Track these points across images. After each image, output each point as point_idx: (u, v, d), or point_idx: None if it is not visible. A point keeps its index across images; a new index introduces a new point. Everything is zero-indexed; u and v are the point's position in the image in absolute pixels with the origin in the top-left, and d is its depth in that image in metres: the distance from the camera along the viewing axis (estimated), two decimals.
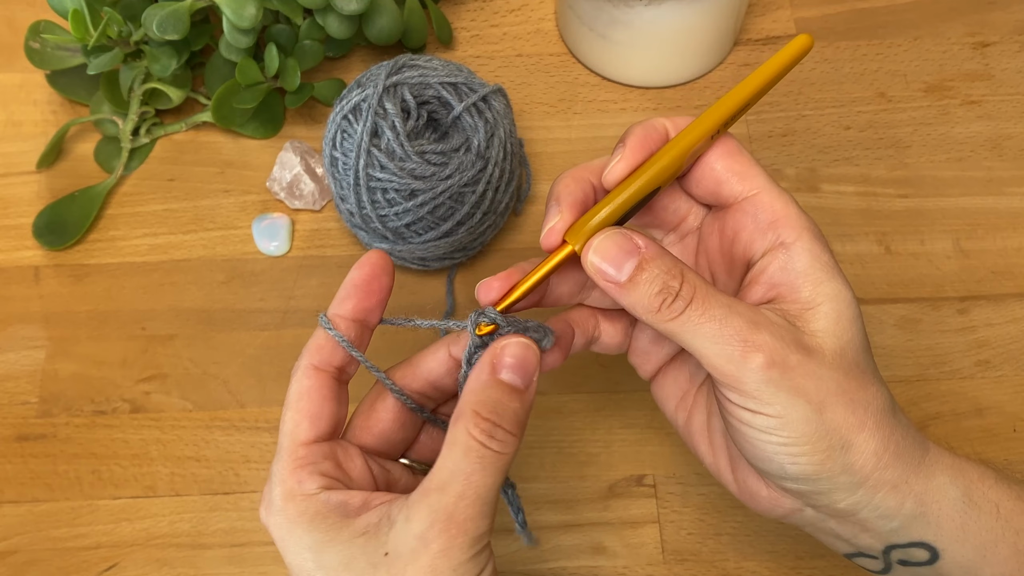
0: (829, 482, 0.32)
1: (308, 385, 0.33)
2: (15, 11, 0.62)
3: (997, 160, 0.57)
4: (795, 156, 0.57)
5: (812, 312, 0.32)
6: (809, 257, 0.33)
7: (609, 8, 0.54)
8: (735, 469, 0.35)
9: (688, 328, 0.31)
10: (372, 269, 0.35)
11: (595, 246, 0.32)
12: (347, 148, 0.48)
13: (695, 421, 0.37)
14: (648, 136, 0.34)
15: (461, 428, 0.31)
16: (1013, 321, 0.53)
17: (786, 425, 0.31)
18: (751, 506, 0.35)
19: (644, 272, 0.31)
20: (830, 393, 0.31)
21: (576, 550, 0.48)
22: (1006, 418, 0.50)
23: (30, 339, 0.53)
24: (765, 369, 0.30)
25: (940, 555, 0.33)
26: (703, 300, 0.31)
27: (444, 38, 0.60)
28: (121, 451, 0.50)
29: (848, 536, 0.33)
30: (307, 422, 0.33)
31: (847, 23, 0.62)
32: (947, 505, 0.32)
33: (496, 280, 0.34)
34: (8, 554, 0.48)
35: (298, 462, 0.32)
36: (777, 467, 0.32)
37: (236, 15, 0.51)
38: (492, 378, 0.32)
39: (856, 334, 0.33)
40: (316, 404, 0.33)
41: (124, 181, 0.57)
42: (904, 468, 0.32)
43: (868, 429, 0.31)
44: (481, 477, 0.30)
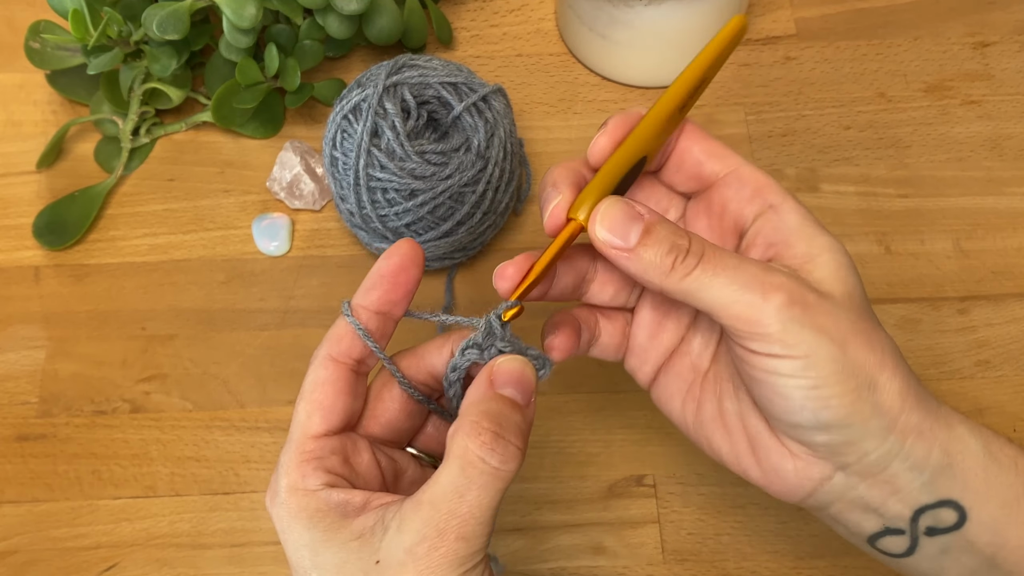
0: (862, 427, 0.31)
1: (324, 376, 0.33)
2: (15, 11, 0.62)
3: (997, 160, 0.57)
4: (795, 156, 0.57)
5: (812, 263, 0.33)
6: (798, 215, 0.34)
7: (609, 8, 0.54)
8: (756, 449, 0.34)
9: (704, 281, 0.31)
10: (402, 260, 0.34)
11: (600, 217, 0.32)
12: (347, 148, 0.48)
13: (706, 411, 0.36)
14: (627, 117, 0.35)
15: (459, 442, 0.30)
16: (1013, 321, 0.53)
17: (814, 365, 0.31)
18: (776, 489, 0.34)
19: (651, 235, 0.32)
20: (849, 332, 0.31)
21: (576, 550, 0.48)
22: (1006, 418, 0.50)
23: (30, 339, 0.53)
24: (787, 307, 0.30)
25: (968, 515, 0.32)
26: (714, 253, 0.32)
27: (444, 38, 0.60)
28: (121, 451, 0.50)
29: (877, 504, 0.33)
30: (319, 415, 0.33)
31: (847, 23, 0.62)
32: (970, 457, 0.32)
33: (511, 266, 0.34)
34: (8, 554, 0.48)
35: (304, 456, 0.32)
36: (810, 415, 0.31)
37: (236, 15, 0.51)
38: (491, 391, 0.32)
39: (856, 283, 0.33)
40: (330, 397, 0.33)
41: (124, 181, 0.57)
42: (927, 413, 0.32)
43: (889, 368, 0.32)
44: (476, 496, 0.29)
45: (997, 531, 0.32)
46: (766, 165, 0.57)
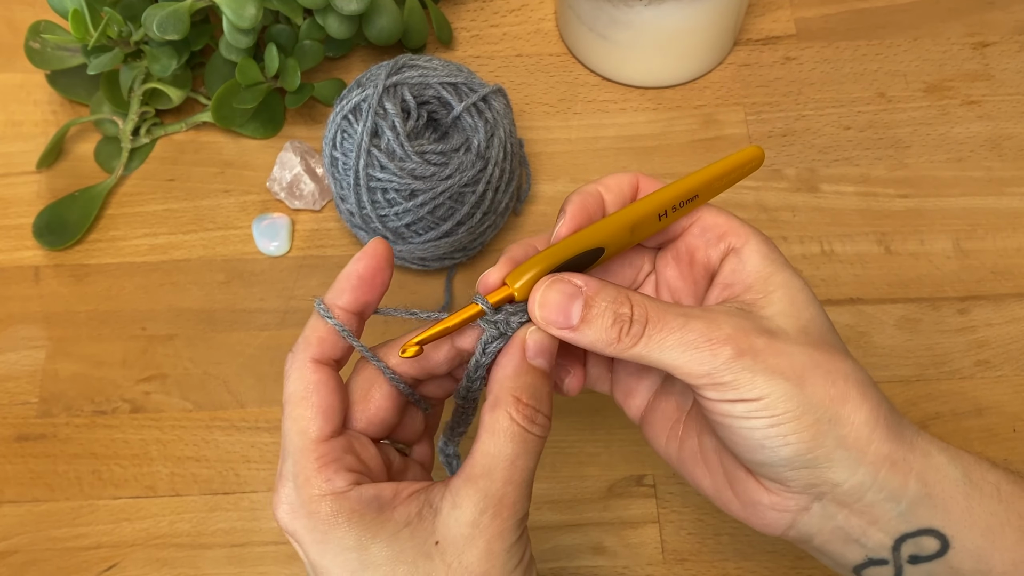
0: (827, 459, 0.31)
1: (316, 379, 0.33)
2: (15, 11, 0.62)
3: (997, 160, 0.57)
4: (795, 156, 0.57)
5: (766, 299, 0.33)
6: (758, 256, 0.34)
7: (609, 8, 0.54)
8: (734, 484, 0.35)
9: (652, 348, 0.32)
10: (376, 261, 0.34)
11: (538, 300, 0.33)
12: (347, 148, 0.48)
13: (687, 447, 0.37)
14: (585, 202, 0.35)
15: (503, 414, 0.31)
16: (1013, 321, 0.53)
17: (768, 405, 0.31)
18: (756, 523, 0.35)
19: (592, 308, 0.32)
20: (805, 368, 0.31)
21: (576, 550, 0.48)
22: (1006, 418, 0.50)
23: (30, 339, 0.53)
24: (736, 358, 0.31)
25: (950, 543, 0.32)
26: (658, 317, 0.32)
27: (444, 38, 0.60)
28: (121, 451, 0.50)
29: (858, 534, 0.33)
30: (321, 417, 0.32)
31: (847, 23, 0.62)
32: (950, 486, 0.32)
33: (493, 272, 0.34)
34: (8, 554, 0.48)
35: (322, 460, 0.32)
36: (771, 453, 0.32)
37: (236, 15, 0.51)
38: (525, 364, 0.33)
39: (815, 313, 0.34)
40: (327, 398, 0.33)
41: (124, 181, 0.57)
42: (900, 444, 0.32)
43: (853, 400, 0.32)
44: (524, 461, 0.31)
45: (981, 558, 0.32)
46: (766, 165, 0.57)
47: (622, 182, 0.36)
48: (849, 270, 0.54)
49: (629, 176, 0.36)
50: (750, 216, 0.55)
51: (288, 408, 0.33)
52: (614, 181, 0.36)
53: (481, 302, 0.33)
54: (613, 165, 0.57)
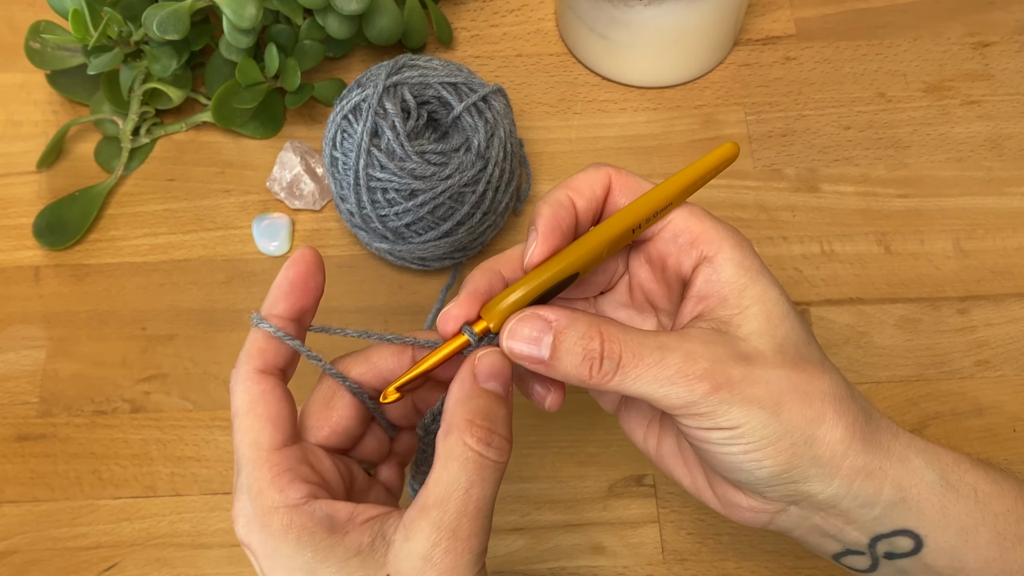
0: (801, 476, 0.32)
1: (260, 389, 0.32)
2: (15, 11, 0.62)
3: (997, 160, 0.57)
4: (795, 156, 0.57)
5: (741, 315, 0.33)
6: (731, 266, 0.33)
7: (609, 8, 0.54)
8: (713, 484, 0.35)
9: (628, 383, 0.31)
10: (307, 266, 0.34)
11: (507, 336, 0.32)
12: (347, 148, 0.48)
13: (665, 446, 0.37)
14: (556, 216, 0.33)
15: (456, 440, 0.30)
16: (1013, 321, 0.53)
17: (744, 434, 0.31)
18: (736, 518, 0.35)
19: (562, 345, 0.31)
20: (782, 393, 0.31)
21: (576, 550, 0.48)
22: (1006, 418, 0.50)
23: (30, 339, 0.53)
24: (712, 393, 0.31)
25: (924, 542, 0.33)
26: (633, 352, 0.31)
27: (444, 38, 0.60)
28: (121, 451, 0.50)
29: (834, 532, 0.33)
30: (271, 427, 0.31)
31: (847, 23, 0.62)
32: (925, 489, 0.32)
33: (457, 307, 0.33)
34: (8, 554, 0.48)
35: (275, 469, 0.31)
36: (747, 475, 0.32)
37: (236, 15, 0.51)
38: (477, 387, 0.31)
39: (791, 328, 0.33)
40: (274, 407, 0.32)
41: (124, 181, 0.57)
42: (876, 453, 0.32)
43: (828, 419, 0.32)
44: (480, 489, 0.30)
45: (955, 556, 0.33)
46: (766, 165, 0.57)
47: (594, 183, 0.35)
48: (849, 270, 0.54)
49: (600, 174, 0.35)
50: (750, 216, 0.55)
51: (237, 421, 0.32)
52: (585, 183, 0.35)
53: (468, 333, 0.32)
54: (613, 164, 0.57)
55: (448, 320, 0.33)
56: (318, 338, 0.40)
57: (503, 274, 0.34)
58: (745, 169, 0.57)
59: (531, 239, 0.33)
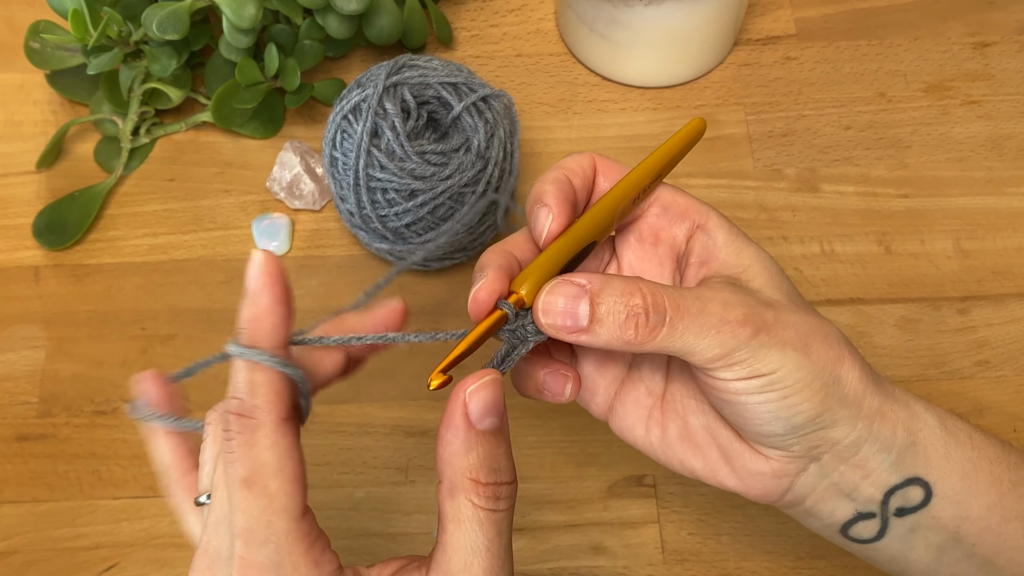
0: (831, 419, 0.32)
1: (288, 444, 0.28)
2: (15, 11, 0.62)
3: (997, 160, 0.57)
4: (795, 156, 0.57)
5: (746, 273, 0.34)
6: (724, 230, 0.35)
7: (609, 8, 0.54)
8: (730, 459, 0.35)
9: (674, 337, 0.31)
10: (282, 276, 0.31)
11: (541, 308, 0.31)
12: (347, 148, 0.48)
13: (671, 432, 0.36)
14: (563, 192, 0.33)
15: (464, 502, 0.29)
16: (1013, 321, 0.53)
17: (784, 377, 0.31)
18: (755, 493, 0.34)
19: (601, 306, 0.31)
20: (807, 335, 0.32)
21: (576, 550, 0.48)
22: (1006, 418, 0.50)
23: (30, 339, 0.53)
24: (754, 336, 0.31)
25: (933, 491, 0.33)
26: (675, 305, 0.31)
27: (444, 38, 0.60)
28: (121, 451, 0.50)
29: (850, 489, 0.33)
30: (299, 491, 0.28)
31: (847, 23, 0.62)
32: (929, 433, 0.33)
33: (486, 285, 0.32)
34: (8, 554, 0.48)
35: (307, 540, 0.28)
36: (783, 424, 0.32)
37: (236, 15, 0.51)
38: (472, 433, 0.29)
39: (789, 284, 0.34)
40: (301, 466, 0.29)
41: (124, 181, 0.57)
42: (886, 396, 0.33)
43: (848, 360, 0.32)
44: (499, 542, 0.29)
45: (960, 504, 0.33)
46: (766, 165, 0.57)
47: (584, 164, 0.35)
48: (849, 270, 0.54)
49: (587, 157, 0.36)
50: (750, 216, 0.55)
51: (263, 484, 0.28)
52: (576, 164, 0.35)
53: (506, 307, 0.31)
54: None
55: (479, 300, 0.32)
56: None
57: (515, 254, 0.34)
58: (745, 169, 0.57)
59: (543, 214, 0.33)
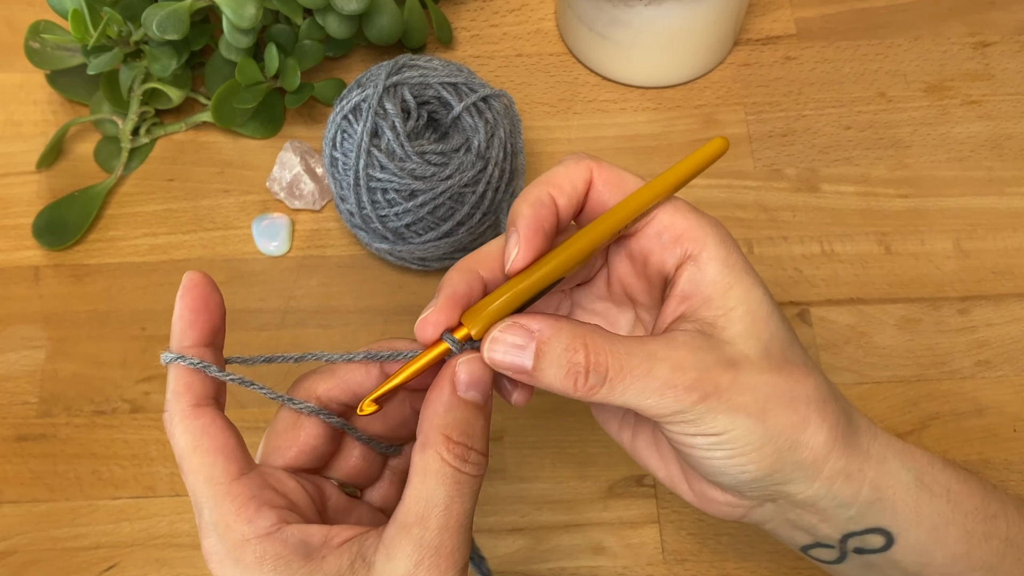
0: (783, 479, 0.32)
1: (200, 424, 0.30)
2: (15, 11, 0.62)
3: (997, 160, 0.57)
4: (795, 156, 0.57)
5: (726, 317, 0.32)
6: (716, 265, 0.32)
7: (609, 8, 0.54)
8: (689, 479, 0.35)
9: (614, 396, 0.31)
10: (202, 289, 0.32)
11: (488, 346, 0.31)
12: (347, 148, 0.48)
13: (640, 439, 0.36)
14: (538, 217, 0.32)
15: (433, 455, 0.30)
16: (1013, 321, 0.53)
17: (729, 440, 0.31)
18: (711, 512, 0.35)
19: (545, 357, 0.30)
20: (768, 399, 0.31)
21: (576, 550, 0.48)
22: (1006, 418, 0.50)
23: (30, 339, 0.53)
24: (701, 402, 0.30)
25: (895, 539, 0.33)
26: (620, 364, 0.30)
27: (444, 38, 0.60)
28: (121, 451, 0.50)
29: (807, 527, 0.34)
30: (222, 459, 0.30)
31: (847, 23, 0.62)
32: (902, 490, 0.33)
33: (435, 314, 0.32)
34: (8, 554, 0.48)
35: (238, 500, 0.29)
36: (730, 479, 0.32)
37: (236, 15, 0.51)
38: (455, 398, 0.31)
39: (776, 329, 0.32)
40: (220, 439, 0.30)
41: (124, 181, 0.57)
42: (856, 455, 0.32)
43: (813, 423, 0.32)
44: (460, 504, 0.29)
45: (924, 552, 0.33)
46: (766, 165, 0.57)
47: (574, 178, 0.33)
48: (849, 270, 0.54)
49: (582, 168, 0.33)
50: (750, 216, 0.55)
51: (185, 463, 0.30)
52: (566, 178, 0.33)
53: (449, 340, 0.31)
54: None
55: (427, 326, 0.31)
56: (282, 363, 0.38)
57: (481, 274, 0.33)
58: (745, 169, 0.57)
59: (512, 243, 0.32)
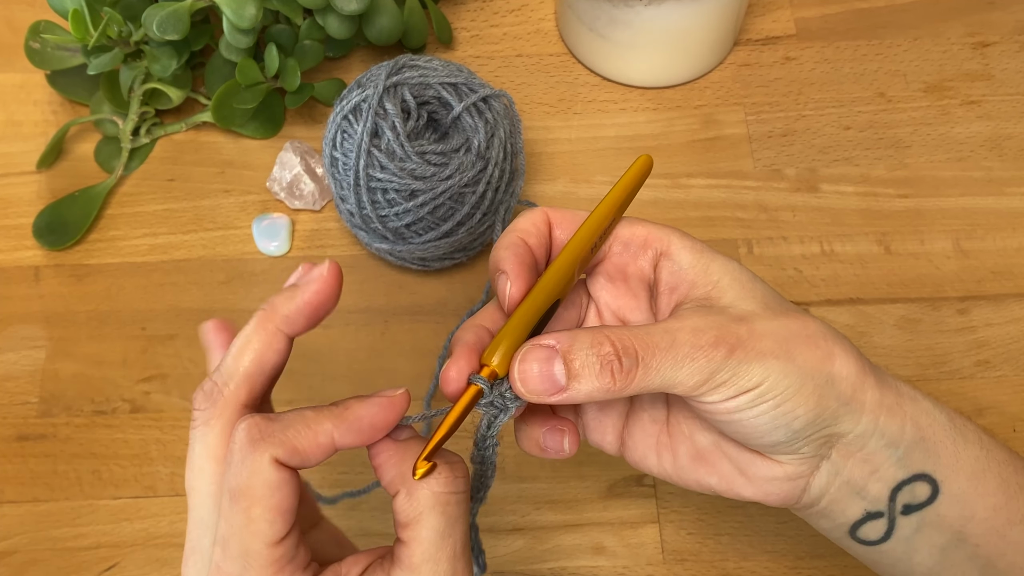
0: (832, 417, 0.32)
1: (280, 478, 0.29)
2: (15, 11, 0.62)
3: (997, 160, 0.57)
4: (795, 156, 0.57)
5: (716, 289, 0.33)
6: (687, 252, 0.34)
7: (609, 8, 0.54)
8: (744, 471, 0.35)
9: (650, 375, 0.31)
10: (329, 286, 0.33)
11: (518, 378, 0.31)
12: (347, 148, 0.48)
13: (681, 454, 0.36)
14: (519, 256, 0.33)
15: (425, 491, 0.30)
16: (1013, 321, 0.53)
17: (772, 387, 0.31)
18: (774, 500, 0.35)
19: (575, 362, 0.31)
20: (787, 340, 0.32)
21: (576, 550, 0.48)
22: (1006, 418, 0.50)
23: (30, 339, 0.53)
24: (730, 356, 0.31)
25: (940, 488, 0.33)
26: (643, 343, 0.31)
27: (444, 38, 0.60)
28: (121, 451, 0.50)
29: (860, 486, 0.33)
30: (281, 521, 0.29)
31: (847, 23, 0.62)
32: (939, 430, 0.33)
33: (454, 363, 0.32)
34: (8, 554, 0.48)
35: (277, 564, 0.29)
36: (784, 431, 0.32)
37: (236, 15, 0.51)
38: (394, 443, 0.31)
39: (765, 288, 0.34)
40: (288, 499, 0.29)
41: (124, 181, 0.57)
42: (888, 389, 0.33)
43: (838, 357, 0.32)
44: (461, 527, 0.30)
45: (966, 503, 0.33)
46: (766, 165, 0.57)
47: (537, 222, 0.35)
48: (849, 270, 0.54)
49: (539, 214, 0.35)
50: (750, 216, 0.55)
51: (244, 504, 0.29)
52: (530, 223, 0.35)
53: (480, 381, 0.31)
54: (613, 165, 0.57)
55: (450, 379, 0.32)
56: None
57: (486, 327, 0.34)
58: (745, 169, 0.57)
59: (503, 281, 0.33)
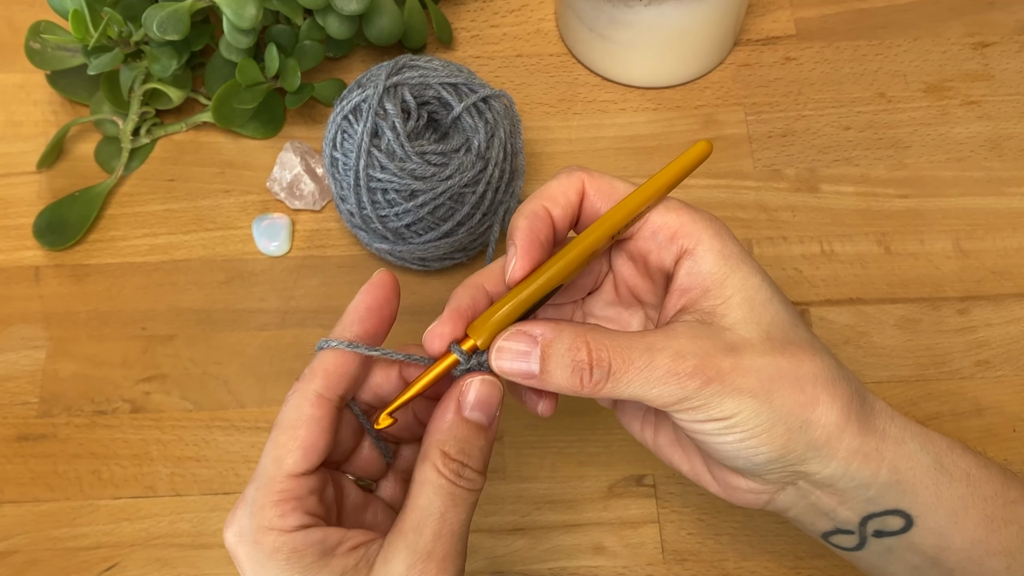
0: (798, 459, 0.32)
1: (311, 414, 0.32)
2: (15, 11, 0.62)
3: (997, 160, 0.57)
4: (795, 156, 0.57)
5: (725, 305, 0.33)
6: (712, 256, 0.33)
7: (609, 8, 0.54)
8: (711, 468, 0.36)
9: (619, 388, 0.32)
10: (384, 291, 0.34)
11: (495, 355, 0.32)
12: (347, 148, 0.48)
13: (662, 436, 0.37)
14: (534, 229, 0.33)
15: (429, 467, 0.31)
16: (1013, 321, 0.53)
17: (738, 423, 0.31)
18: (736, 500, 0.36)
19: (550, 359, 0.32)
20: (772, 380, 0.31)
21: (576, 550, 0.48)
22: (1006, 418, 0.50)
23: (30, 339, 0.53)
24: (704, 387, 0.31)
25: (914, 522, 0.33)
26: (621, 358, 0.31)
27: (444, 38, 0.60)
28: (121, 451, 0.50)
29: (828, 509, 0.34)
30: (300, 452, 0.31)
31: (847, 23, 0.62)
32: (921, 472, 0.33)
33: (440, 326, 0.33)
34: (8, 554, 0.48)
35: (283, 495, 0.31)
36: (744, 462, 0.33)
37: (236, 15, 0.51)
38: (458, 416, 0.32)
39: (776, 312, 0.33)
40: (315, 435, 0.32)
41: (124, 181, 0.57)
42: (872, 435, 0.33)
43: (823, 403, 0.32)
44: (454, 514, 0.31)
45: (942, 535, 0.33)
46: (766, 165, 0.57)
47: (568, 190, 0.35)
48: (849, 270, 0.54)
49: (574, 180, 0.35)
50: (750, 216, 0.55)
51: (275, 432, 0.32)
52: (559, 191, 0.35)
53: (458, 353, 0.33)
54: (613, 165, 0.57)
55: (434, 338, 0.33)
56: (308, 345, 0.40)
57: (487, 288, 0.34)
58: (745, 169, 0.57)
59: (510, 254, 0.33)
